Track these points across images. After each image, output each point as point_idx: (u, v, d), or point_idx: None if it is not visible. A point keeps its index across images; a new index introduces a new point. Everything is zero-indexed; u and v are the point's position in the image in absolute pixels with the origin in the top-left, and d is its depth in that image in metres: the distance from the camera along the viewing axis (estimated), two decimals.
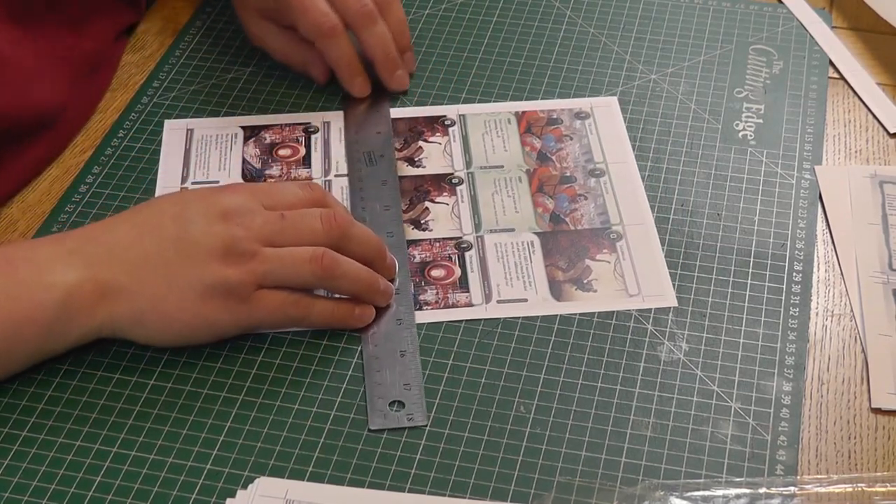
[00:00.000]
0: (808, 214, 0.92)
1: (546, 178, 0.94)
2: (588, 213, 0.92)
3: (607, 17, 1.09)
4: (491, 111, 1.00)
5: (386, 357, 0.82)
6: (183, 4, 1.11)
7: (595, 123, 0.99)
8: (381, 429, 0.78)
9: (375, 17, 0.99)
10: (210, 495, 0.75)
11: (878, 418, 0.80)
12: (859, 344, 0.84)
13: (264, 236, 0.80)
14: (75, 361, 0.82)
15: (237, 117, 1.00)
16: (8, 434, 0.78)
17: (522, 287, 0.87)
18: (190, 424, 0.79)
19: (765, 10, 1.10)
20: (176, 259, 0.79)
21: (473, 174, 0.95)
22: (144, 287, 0.79)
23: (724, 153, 0.97)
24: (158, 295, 0.79)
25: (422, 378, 0.81)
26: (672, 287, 0.86)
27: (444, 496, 0.75)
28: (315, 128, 0.99)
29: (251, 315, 0.80)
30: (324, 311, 0.82)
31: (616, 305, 0.85)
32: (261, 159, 0.96)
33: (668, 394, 0.80)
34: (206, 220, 0.80)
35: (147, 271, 0.79)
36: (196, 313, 0.79)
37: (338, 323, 0.83)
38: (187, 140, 0.98)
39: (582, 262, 0.88)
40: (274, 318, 0.81)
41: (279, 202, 0.83)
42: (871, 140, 0.99)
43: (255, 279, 0.79)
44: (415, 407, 0.79)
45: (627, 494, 0.74)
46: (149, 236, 0.80)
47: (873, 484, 0.76)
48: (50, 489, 0.75)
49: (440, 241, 0.90)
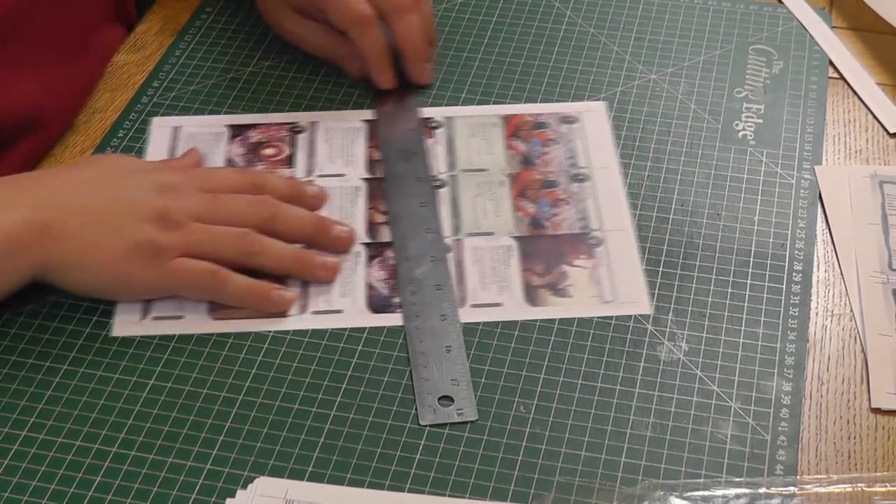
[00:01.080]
0: (808, 214, 0.92)
1: (529, 183, 0.94)
2: (569, 217, 0.91)
3: (607, 17, 1.09)
4: (478, 114, 1.00)
5: (432, 353, 0.82)
6: (183, 4, 1.11)
7: (583, 128, 0.98)
8: (431, 424, 0.79)
9: (411, 8, 0.99)
10: (210, 495, 0.75)
11: (878, 418, 0.80)
12: (859, 344, 0.84)
13: (195, 214, 0.85)
14: (75, 361, 0.82)
15: (224, 116, 1.00)
16: (8, 434, 0.78)
17: (497, 291, 0.86)
18: (189, 424, 0.79)
19: (765, 10, 1.10)
20: (115, 214, 0.84)
21: (456, 177, 0.95)
22: (84, 234, 0.83)
23: (723, 153, 0.97)
24: (94, 243, 0.83)
25: (469, 373, 0.81)
26: (647, 294, 0.86)
27: (444, 496, 0.75)
28: (301, 127, 0.99)
29: (170, 278, 0.84)
30: (240, 287, 0.85)
31: (590, 312, 0.85)
32: (245, 158, 0.96)
33: (668, 394, 0.80)
34: (146, 188, 0.85)
35: (88, 219, 0.83)
36: (122, 268, 0.83)
37: (254, 300, 0.85)
38: (174, 138, 0.98)
39: (559, 268, 0.88)
40: (191, 285, 0.84)
41: (214, 186, 0.88)
42: (871, 140, 0.99)
43: (182, 246, 0.84)
44: (464, 402, 0.79)
45: (627, 494, 0.74)
46: (93, 189, 0.85)
47: (873, 484, 0.76)
48: (50, 489, 0.75)
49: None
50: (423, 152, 0.96)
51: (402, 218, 0.91)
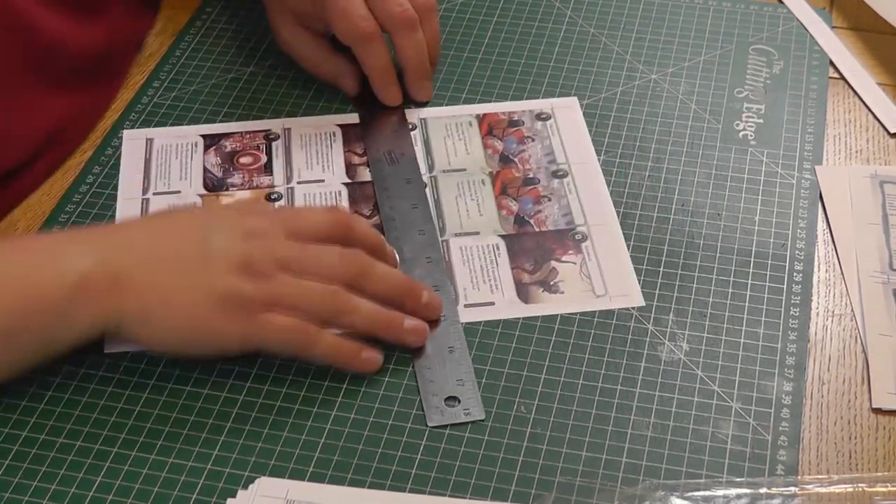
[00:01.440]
0: (809, 214, 0.92)
1: (509, 181, 0.94)
2: (552, 214, 0.92)
3: (607, 17, 1.09)
4: (452, 114, 1.00)
5: (435, 354, 0.82)
6: (183, 5, 1.11)
7: (556, 124, 0.99)
8: (439, 425, 0.78)
9: (416, 24, 0.98)
10: (211, 495, 0.75)
11: (879, 418, 0.80)
12: (860, 344, 0.84)
13: (283, 263, 0.80)
14: (76, 361, 0.82)
15: (197, 126, 0.99)
16: (9, 434, 0.78)
17: (489, 290, 0.86)
18: (191, 424, 0.79)
19: (765, 10, 1.10)
20: (192, 263, 0.78)
21: (437, 178, 0.95)
22: (157, 284, 0.78)
23: (724, 153, 0.97)
24: (169, 296, 0.78)
25: (473, 373, 0.81)
26: (638, 286, 0.86)
27: (445, 496, 0.75)
28: (275, 134, 0.98)
29: (256, 333, 0.79)
30: (330, 347, 0.80)
31: (583, 307, 0.85)
32: (222, 168, 0.96)
33: (669, 394, 0.80)
34: (228, 234, 0.80)
35: (161, 269, 0.78)
36: (203, 320, 0.78)
37: (342, 362, 0.81)
38: (147, 150, 0.97)
39: (548, 264, 0.88)
40: (278, 341, 0.79)
41: (303, 231, 0.82)
42: (871, 140, 0.99)
43: (268, 298, 0.79)
44: (470, 402, 0.79)
45: (628, 495, 0.74)
46: (167, 237, 0.80)
47: (874, 484, 0.75)
48: (50, 489, 0.75)
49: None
50: (413, 154, 0.96)
51: (395, 220, 0.91)
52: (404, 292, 0.83)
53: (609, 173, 0.95)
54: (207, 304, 0.78)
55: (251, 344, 0.80)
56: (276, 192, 0.94)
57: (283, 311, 0.79)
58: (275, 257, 0.80)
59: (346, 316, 0.80)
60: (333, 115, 1.00)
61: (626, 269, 0.88)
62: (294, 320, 0.79)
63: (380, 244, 0.85)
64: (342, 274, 0.81)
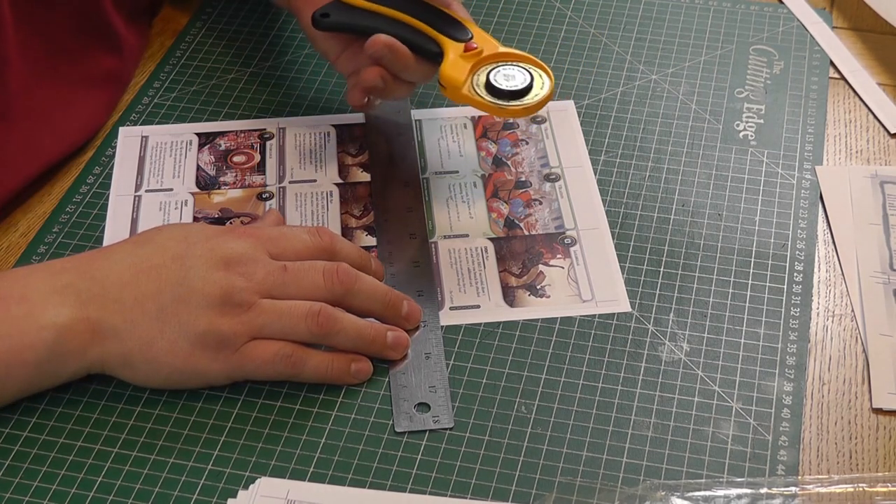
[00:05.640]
0: (809, 214, 0.92)
1: (501, 183, 0.94)
2: (543, 217, 0.91)
3: (607, 17, 1.10)
4: (447, 116, 1.00)
5: (411, 360, 0.82)
6: (183, 6, 1.11)
7: (551, 127, 0.98)
8: (405, 431, 0.78)
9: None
10: (211, 495, 0.75)
11: (879, 418, 0.80)
12: (860, 344, 0.84)
13: (264, 288, 0.79)
14: None
15: (192, 124, 0.99)
16: (9, 434, 0.78)
17: (475, 293, 0.86)
18: (192, 425, 0.79)
19: (765, 10, 1.10)
20: (171, 304, 0.78)
21: (428, 179, 0.95)
22: (136, 330, 0.78)
23: (724, 153, 0.97)
24: (149, 339, 0.78)
25: (447, 380, 0.81)
26: (625, 291, 0.86)
27: (446, 496, 0.75)
28: (270, 134, 0.98)
29: (241, 366, 0.79)
30: (318, 367, 0.80)
31: (569, 311, 0.85)
32: (215, 166, 0.96)
33: (670, 394, 0.80)
34: (207, 265, 0.79)
35: (140, 314, 0.78)
36: (185, 361, 0.78)
37: (333, 380, 0.80)
38: (142, 147, 0.97)
39: (535, 268, 0.88)
40: (264, 371, 0.79)
41: (285, 250, 0.82)
42: (871, 140, 0.99)
43: (249, 330, 0.78)
44: (441, 409, 0.79)
45: (629, 495, 0.74)
46: (146, 276, 0.79)
47: (874, 484, 0.76)
48: (51, 490, 0.75)
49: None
50: (414, 158, 0.96)
51: (388, 223, 0.90)
52: (385, 307, 0.82)
53: (609, 174, 0.95)
54: (188, 345, 0.78)
55: (237, 377, 0.80)
56: (267, 191, 0.94)
57: (267, 338, 0.79)
58: (256, 284, 0.79)
59: (331, 338, 0.80)
60: (331, 115, 1.00)
61: (614, 275, 0.87)
62: (278, 346, 0.79)
63: (365, 262, 0.85)
64: (325, 293, 0.80)
